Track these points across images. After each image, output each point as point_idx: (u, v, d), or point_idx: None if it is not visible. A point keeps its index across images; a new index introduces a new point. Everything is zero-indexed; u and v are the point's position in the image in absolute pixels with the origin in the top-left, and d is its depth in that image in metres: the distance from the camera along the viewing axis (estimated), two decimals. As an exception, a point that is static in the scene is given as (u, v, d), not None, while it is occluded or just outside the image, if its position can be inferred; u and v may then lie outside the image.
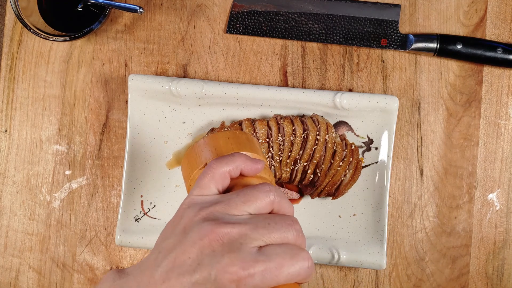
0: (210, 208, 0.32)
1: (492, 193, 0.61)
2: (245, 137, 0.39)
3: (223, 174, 0.34)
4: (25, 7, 0.56)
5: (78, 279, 0.61)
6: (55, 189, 0.61)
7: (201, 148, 0.38)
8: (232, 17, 0.61)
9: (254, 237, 0.30)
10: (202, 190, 0.34)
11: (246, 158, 0.35)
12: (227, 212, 0.32)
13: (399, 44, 0.61)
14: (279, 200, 0.33)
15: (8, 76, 0.62)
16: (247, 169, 0.35)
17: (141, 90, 0.58)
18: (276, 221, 0.31)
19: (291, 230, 0.31)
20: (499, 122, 0.62)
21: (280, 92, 0.58)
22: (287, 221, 0.32)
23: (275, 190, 0.33)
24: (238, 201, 0.32)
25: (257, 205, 0.32)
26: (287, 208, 0.34)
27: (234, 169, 0.35)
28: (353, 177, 0.58)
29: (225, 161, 0.34)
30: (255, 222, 0.31)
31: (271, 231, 0.31)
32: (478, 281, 0.61)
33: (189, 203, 0.33)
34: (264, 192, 0.33)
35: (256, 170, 0.35)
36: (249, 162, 0.35)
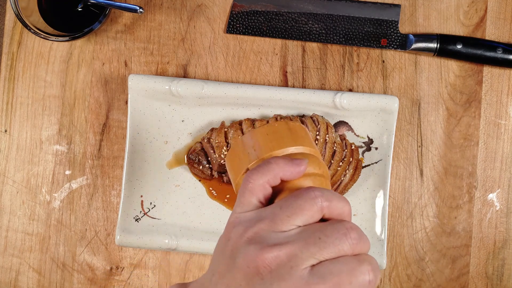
0: (254, 228, 0.29)
1: (492, 193, 0.61)
2: (285, 128, 0.35)
3: (261, 186, 0.32)
4: (25, 7, 0.56)
5: (78, 279, 0.61)
6: (55, 189, 0.61)
7: (240, 149, 0.35)
8: (232, 17, 0.61)
9: (304, 257, 0.27)
10: (244, 206, 0.32)
11: (283, 163, 0.32)
12: (273, 229, 0.29)
13: (399, 44, 0.61)
14: (328, 205, 0.30)
15: (8, 76, 0.62)
16: (286, 175, 0.32)
17: (141, 90, 0.58)
18: (328, 233, 0.28)
19: (346, 240, 0.28)
20: (499, 122, 0.62)
21: (280, 92, 0.58)
22: (341, 230, 0.28)
23: (321, 195, 0.30)
24: (283, 216, 0.29)
25: (304, 216, 0.29)
26: (340, 209, 0.30)
27: (272, 178, 0.32)
28: (353, 177, 0.58)
29: (261, 172, 0.32)
30: (305, 238, 0.28)
31: (323, 246, 0.28)
32: (478, 281, 0.61)
33: (233, 222, 0.31)
34: (310, 200, 0.29)
35: (298, 173, 0.32)
36: (287, 167, 0.32)
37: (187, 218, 0.60)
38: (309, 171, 0.33)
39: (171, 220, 0.59)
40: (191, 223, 0.60)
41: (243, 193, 0.32)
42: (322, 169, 0.34)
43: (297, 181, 0.32)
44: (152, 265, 0.61)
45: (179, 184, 0.60)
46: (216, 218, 0.60)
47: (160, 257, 0.61)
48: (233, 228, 0.31)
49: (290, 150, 0.34)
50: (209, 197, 0.60)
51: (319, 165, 0.33)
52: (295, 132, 0.35)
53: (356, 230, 0.29)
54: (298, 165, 0.32)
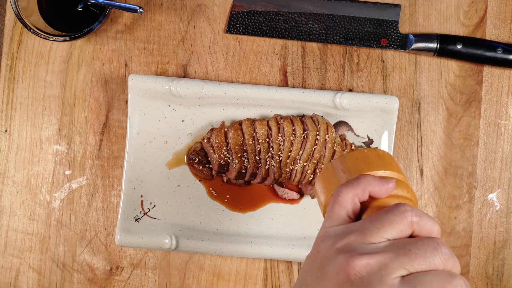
0: (344, 239, 0.30)
1: (492, 193, 0.61)
2: (375, 154, 0.36)
3: (350, 199, 0.32)
4: (25, 7, 0.56)
5: (78, 279, 0.61)
6: (55, 189, 0.61)
7: (330, 172, 0.36)
8: (232, 17, 0.61)
9: (395, 267, 0.27)
10: (333, 220, 0.32)
11: (372, 179, 0.33)
12: (363, 241, 0.29)
13: (399, 44, 0.61)
14: (418, 220, 0.30)
15: (8, 76, 0.62)
16: (375, 190, 0.32)
17: (141, 90, 0.58)
18: (419, 246, 0.28)
19: (437, 254, 0.28)
20: (499, 122, 0.62)
21: (280, 92, 0.58)
22: (431, 245, 0.28)
23: (411, 210, 0.30)
24: (372, 228, 0.29)
25: (394, 229, 0.29)
26: (429, 227, 0.30)
27: (361, 192, 0.32)
28: (353, 177, 0.58)
29: (350, 185, 0.32)
30: (395, 249, 0.28)
31: (414, 258, 0.28)
32: (478, 281, 0.61)
33: (323, 236, 0.32)
34: (400, 214, 0.29)
35: (387, 191, 0.33)
36: (376, 183, 0.32)
37: (187, 218, 0.60)
38: (397, 193, 0.33)
39: (171, 220, 0.59)
40: (191, 223, 0.60)
41: (332, 207, 0.32)
42: (410, 194, 0.34)
43: (385, 200, 0.33)
44: (152, 265, 0.61)
45: (179, 184, 0.60)
46: (216, 218, 0.60)
47: (160, 257, 0.61)
48: (321, 241, 0.31)
49: (379, 173, 0.35)
50: (209, 197, 0.60)
51: (407, 190, 0.34)
52: (383, 158, 0.36)
53: (446, 247, 0.29)
54: (387, 182, 0.33)
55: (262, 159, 0.57)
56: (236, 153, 0.58)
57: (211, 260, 0.61)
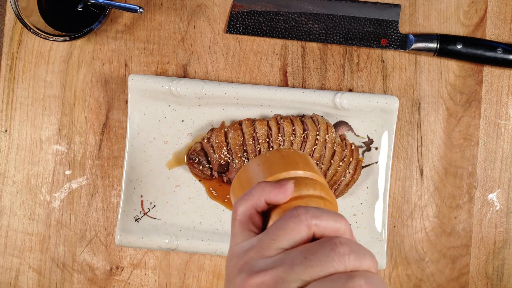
0: (245, 257, 0.28)
1: (492, 193, 0.61)
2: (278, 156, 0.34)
3: (247, 213, 0.30)
4: (25, 7, 0.56)
5: (78, 279, 0.61)
6: (55, 189, 0.61)
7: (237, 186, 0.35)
8: (232, 17, 0.61)
9: (291, 279, 0.25)
10: (235, 238, 0.31)
11: (266, 186, 0.30)
12: (261, 255, 0.27)
13: (399, 44, 0.61)
14: (317, 222, 0.27)
15: (8, 76, 0.62)
16: (271, 197, 0.30)
17: (141, 90, 0.58)
18: (314, 251, 0.26)
19: (335, 256, 0.26)
20: (499, 122, 0.62)
21: (280, 92, 0.58)
22: (328, 246, 0.26)
23: (305, 212, 0.27)
24: (268, 240, 0.28)
25: (289, 237, 0.27)
26: (332, 226, 0.28)
27: (257, 202, 0.30)
28: (353, 177, 0.58)
29: (244, 198, 0.31)
30: (291, 259, 0.26)
31: (309, 265, 0.26)
32: (478, 281, 0.61)
33: (229, 256, 0.30)
34: (293, 218, 0.27)
35: (284, 194, 0.30)
36: (270, 189, 0.30)
37: (187, 218, 0.60)
38: (303, 193, 0.31)
39: (171, 220, 0.59)
40: (191, 223, 0.60)
41: (233, 224, 0.31)
42: (321, 191, 0.32)
43: (287, 205, 0.30)
44: (152, 265, 0.61)
45: (179, 184, 0.60)
46: (216, 218, 0.60)
47: (160, 257, 0.61)
48: (228, 262, 0.30)
49: (281, 175, 0.32)
50: (209, 197, 0.60)
51: (316, 187, 0.32)
52: (287, 158, 0.34)
53: (347, 245, 0.26)
54: (283, 186, 0.30)
55: (262, 159, 0.57)
56: (236, 153, 0.58)
57: (211, 260, 0.61)
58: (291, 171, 0.32)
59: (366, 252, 0.27)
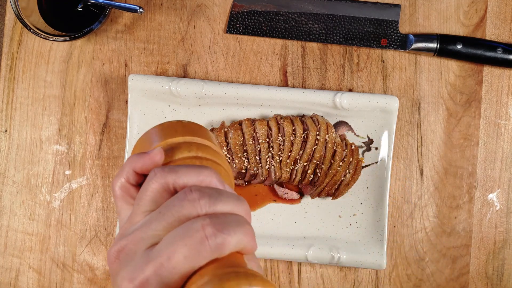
0: (121, 230, 0.28)
1: (492, 193, 0.61)
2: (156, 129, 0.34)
3: (122, 188, 0.30)
4: (25, 7, 0.56)
5: (78, 279, 0.61)
6: (55, 189, 0.61)
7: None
8: (232, 17, 0.61)
9: (148, 236, 0.25)
10: (120, 215, 0.30)
11: (135, 157, 0.30)
12: (131, 223, 0.27)
13: (399, 44, 0.61)
14: (173, 177, 0.27)
15: (8, 76, 0.62)
16: (138, 166, 0.29)
17: (141, 90, 0.58)
18: (168, 204, 0.26)
19: (184, 203, 0.25)
20: (499, 122, 0.62)
21: (280, 92, 0.58)
22: (180, 196, 0.25)
23: (161, 170, 0.27)
24: (135, 207, 0.27)
25: (149, 198, 0.27)
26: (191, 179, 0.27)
27: (127, 176, 0.30)
28: (353, 177, 0.58)
29: (117, 175, 0.30)
30: (149, 218, 0.26)
31: (162, 218, 0.25)
32: (478, 281, 0.61)
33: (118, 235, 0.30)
34: (150, 179, 0.27)
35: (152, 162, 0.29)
36: (137, 159, 0.29)
37: (187, 218, 0.60)
38: (176, 157, 0.30)
39: (171, 220, 0.59)
40: (191, 223, 0.59)
41: (115, 202, 0.31)
42: (197, 152, 0.31)
43: None
44: (152, 265, 0.61)
45: (179, 184, 0.60)
46: (216, 218, 0.60)
47: (160, 257, 0.61)
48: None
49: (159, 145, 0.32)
50: (209, 197, 0.60)
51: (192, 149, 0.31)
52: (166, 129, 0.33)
53: (199, 191, 0.25)
54: (149, 153, 0.29)
55: (262, 159, 0.57)
56: (236, 153, 0.58)
57: (211, 260, 0.61)
58: (169, 139, 0.32)
59: (226, 196, 0.26)
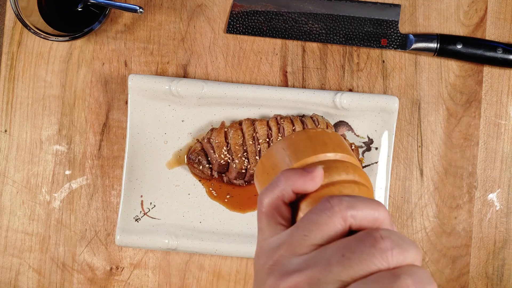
0: (275, 256, 0.26)
1: (492, 193, 0.61)
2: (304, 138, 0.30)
3: (273, 204, 0.28)
4: (25, 7, 0.56)
5: (78, 279, 0.61)
6: (55, 189, 0.61)
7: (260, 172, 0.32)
8: (232, 17, 0.61)
9: (328, 280, 0.23)
10: (263, 233, 0.28)
11: (292, 174, 0.27)
12: (293, 253, 0.25)
13: (399, 44, 0.61)
14: (353, 213, 0.25)
15: (8, 76, 0.62)
16: (298, 186, 0.27)
17: (141, 90, 0.58)
18: (353, 248, 0.23)
19: (376, 252, 0.23)
20: (499, 122, 0.62)
21: (280, 92, 0.58)
22: (367, 242, 0.23)
23: (339, 203, 0.25)
24: (299, 235, 0.25)
25: (323, 232, 0.25)
26: (370, 216, 0.25)
27: (283, 193, 0.27)
28: (353, 177, 0.58)
29: (269, 189, 0.28)
30: (327, 258, 0.24)
31: (348, 265, 0.23)
32: (478, 281, 0.61)
33: (257, 253, 0.28)
34: (325, 211, 0.25)
35: (313, 182, 0.27)
36: (297, 177, 0.27)
37: (187, 218, 0.60)
38: (334, 179, 0.28)
39: (171, 220, 0.59)
40: (191, 223, 0.60)
41: (259, 218, 0.29)
42: (354, 175, 0.28)
43: (321, 192, 0.27)
44: (152, 265, 0.61)
45: (179, 184, 0.60)
46: (216, 218, 0.60)
47: (160, 257, 0.61)
48: (257, 259, 0.28)
49: (309, 160, 0.29)
50: (209, 197, 0.60)
51: (349, 170, 0.28)
52: (315, 139, 0.30)
53: (389, 238, 0.23)
54: (310, 173, 0.27)
55: (262, 159, 0.57)
56: (236, 153, 0.58)
57: (211, 260, 0.61)
58: (320, 154, 0.29)
59: (409, 243, 0.24)
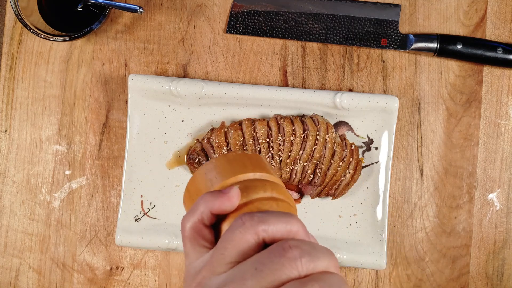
0: (198, 277, 0.27)
1: (492, 193, 0.61)
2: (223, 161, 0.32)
3: (195, 228, 0.29)
4: (25, 7, 0.56)
5: (78, 279, 0.61)
6: (55, 189, 0.61)
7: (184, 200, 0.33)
8: (232, 17, 0.61)
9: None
10: (188, 257, 0.29)
11: (210, 197, 0.28)
12: (213, 273, 0.26)
13: (399, 44, 0.61)
14: (264, 227, 0.25)
15: (8, 76, 0.62)
16: (216, 208, 0.28)
17: (141, 90, 0.58)
18: (264, 260, 0.24)
19: (285, 262, 0.24)
20: (499, 122, 0.62)
21: (280, 92, 0.58)
22: (277, 253, 0.24)
23: (250, 219, 0.26)
24: (217, 255, 0.26)
25: (238, 249, 0.25)
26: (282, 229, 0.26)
27: (202, 216, 0.28)
28: (353, 177, 0.58)
29: (189, 214, 0.29)
30: (242, 273, 0.24)
31: (261, 277, 0.24)
32: (478, 281, 0.61)
33: (184, 277, 0.29)
34: (238, 228, 0.26)
35: (230, 203, 0.28)
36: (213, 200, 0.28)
37: (187, 218, 0.60)
38: (252, 197, 0.29)
39: (171, 220, 0.59)
40: (191, 223, 0.59)
41: (184, 243, 0.29)
42: (272, 192, 0.30)
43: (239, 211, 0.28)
44: (152, 265, 0.61)
45: (179, 184, 0.60)
46: (216, 218, 0.60)
47: (160, 257, 0.61)
48: (184, 283, 0.28)
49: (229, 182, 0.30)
50: (209, 197, 0.60)
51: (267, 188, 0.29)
52: (234, 162, 0.31)
53: (297, 247, 0.24)
54: (226, 194, 0.28)
55: (262, 159, 0.57)
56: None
57: (211, 260, 0.61)
58: (239, 175, 0.30)
59: (320, 251, 0.25)
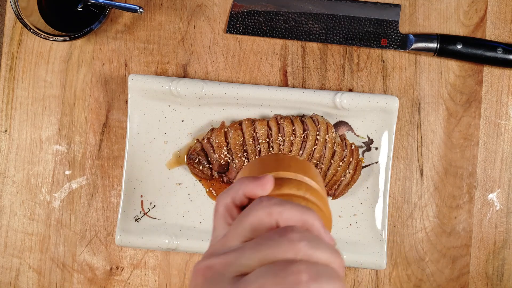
0: (214, 247, 0.28)
1: (492, 193, 0.61)
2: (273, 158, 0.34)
3: (225, 207, 0.30)
4: (25, 7, 0.56)
5: (78, 279, 0.61)
6: (55, 189, 0.61)
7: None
8: (232, 17, 0.61)
9: (239, 264, 0.25)
10: (215, 231, 0.31)
11: (247, 180, 0.30)
12: (224, 245, 0.27)
13: (399, 44, 0.61)
14: (279, 210, 0.26)
15: (8, 76, 0.62)
16: (248, 190, 0.30)
17: (141, 90, 0.58)
18: (265, 236, 0.25)
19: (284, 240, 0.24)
20: (499, 122, 0.62)
21: (280, 92, 0.58)
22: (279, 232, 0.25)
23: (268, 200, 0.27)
24: (232, 229, 0.27)
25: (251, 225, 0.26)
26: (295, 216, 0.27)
27: (236, 196, 0.30)
28: (353, 177, 0.58)
29: (225, 192, 0.31)
30: (245, 245, 0.26)
31: (258, 249, 0.25)
32: (478, 281, 0.61)
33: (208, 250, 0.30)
34: (255, 205, 0.27)
35: (263, 188, 0.29)
36: (250, 183, 0.30)
37: (187, 218, 0.60)
38: (284, 192, 0.31)
39: (171, 220, 0.59)
40: (191, 223, 0.60)
41: (214, 218, 0.31)
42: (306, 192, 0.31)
43: None
44: (152, 265, 0.61)
45: (179, 184, 0.60)
46: (216, 218, 0.60)
47: (160, 257, 0.61)
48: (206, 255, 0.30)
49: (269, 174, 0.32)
50: (209, 197, 0.60)
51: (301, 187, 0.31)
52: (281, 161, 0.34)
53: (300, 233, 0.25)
54: (261, 179, 0.30)
55: (262, 159, 0.57)
56: (236, 153, 0.58)
57: (211, 260, 0.61)
58: (281, 171, 0.32)
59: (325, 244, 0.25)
